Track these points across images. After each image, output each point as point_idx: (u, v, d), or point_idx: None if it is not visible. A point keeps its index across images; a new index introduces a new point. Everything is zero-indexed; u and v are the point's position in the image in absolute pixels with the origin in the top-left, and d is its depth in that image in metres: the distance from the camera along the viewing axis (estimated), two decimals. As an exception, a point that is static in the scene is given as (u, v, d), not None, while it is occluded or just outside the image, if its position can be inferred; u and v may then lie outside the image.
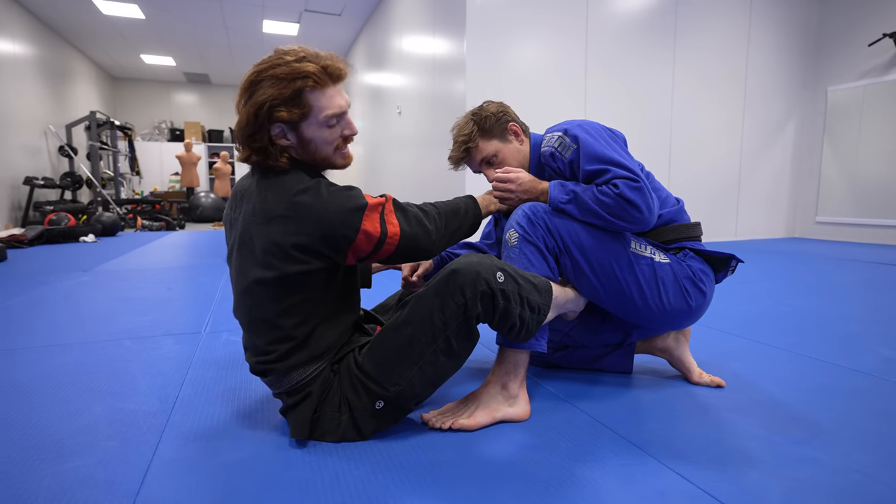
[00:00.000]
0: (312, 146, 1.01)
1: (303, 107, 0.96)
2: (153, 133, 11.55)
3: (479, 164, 1.37)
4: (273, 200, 0.96)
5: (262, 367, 1.04)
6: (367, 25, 7.55)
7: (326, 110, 0.99)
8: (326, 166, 1.07)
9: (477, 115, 1.35)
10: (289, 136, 0.99)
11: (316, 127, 0.99)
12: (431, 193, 5.02)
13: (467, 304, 0.99)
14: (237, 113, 0.99)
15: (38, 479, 0.91)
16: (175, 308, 2.31)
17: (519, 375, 1.17)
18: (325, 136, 1.01)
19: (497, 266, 1.03)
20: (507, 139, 1.35)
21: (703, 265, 1.27)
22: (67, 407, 1.23)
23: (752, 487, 0.88)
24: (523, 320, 1.06)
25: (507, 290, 1.02)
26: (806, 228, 5.64)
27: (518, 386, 1.17)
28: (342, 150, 1.06)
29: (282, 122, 0.96)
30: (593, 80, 4.51)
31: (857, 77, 5.15)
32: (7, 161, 6.32)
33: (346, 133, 1.04)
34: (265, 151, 0.98)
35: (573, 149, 1.23)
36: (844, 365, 1.52)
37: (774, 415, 1.18)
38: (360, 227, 0.97)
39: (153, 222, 7.52)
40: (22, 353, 1.66)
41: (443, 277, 1.01)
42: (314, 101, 0.97)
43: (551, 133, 1.30)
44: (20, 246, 4.71)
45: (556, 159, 1.27)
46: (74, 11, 7.16)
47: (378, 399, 1.03)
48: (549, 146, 1.29)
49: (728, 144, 5.25)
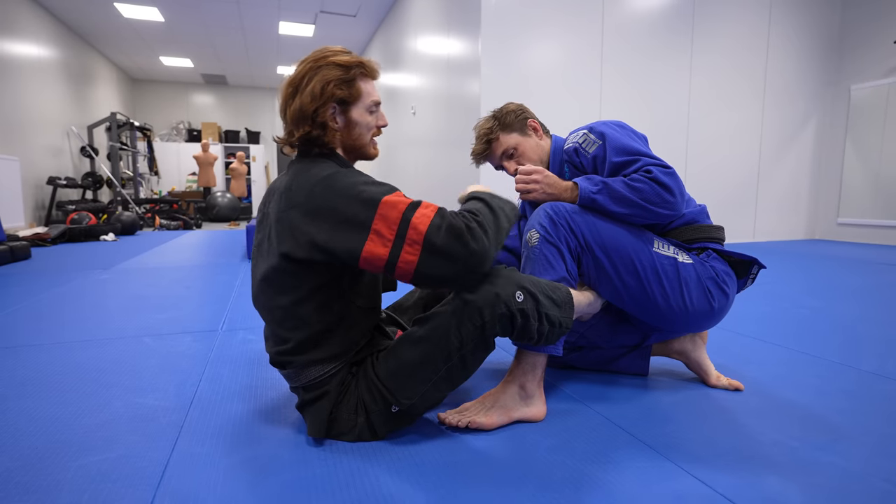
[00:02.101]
0: (357, 130, 1.10)
1: (355, 91, 1.07)
2: (171, 133, 11.72)
3: (499, 158, 1.41)
4: (297, 188, 1.00)
5: (280, 359, 1.05)
6: (382, 26, 7.58)
7: (372, 96, 1.11)
8: (362, 153, 1.14)
9: (498, 112, 1.42)
10: (338, 118, 1.08)
11: (362, 110, 1.09)
12: (445, 194, 5.02)
13: (485, 326, 1.00)
14: (286, 100, 1.06)
15: (62, 472, 0.93)
16: (192, 306, 2.34)
17: (537, 376, 1.17)
18: (368, 121, 1.11)
19: (518, 284, 1.01)
20: (527, 133, 1.40)
21: (725, 266, 1.26)
22: (89, 402, 1.25)
23: (771, 492, 0.87)
24: (542, 334, 1.05)
25: (526, 309, 1.01)
26: (827, 230, 5.54)
27: (535, 386, 1.17)
28: (374, 140, 1.15)
29: (337, 103, 1.06)
30: (609, 81, 4.48)
31: (881, 75, 5.04)
32: (31, 161, 6.47)
33: (380, 123, 1.14)
34: (325, 127, 1.04)
35: (598, 144, 1.25)
36: (865, 369, 1.49)
37: (794, 419, 1.16)
38: (371, 225, 0.94)
39: (171, 221, 7.64)
40: (47, 348, 1.70)
41: (461, 299, 1.00)
42: (364, 87, 1.09)
43: (576, 132, 1.32)
44: (44, 244, 4.81)
45: (579, 154, 1.29)
46: (96, 15, 7.30)
47: (393, 405, 1.04)
48: (573, 142, 1.31)
49: (746, 145, 5.17)
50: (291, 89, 1.05)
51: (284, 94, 1.07)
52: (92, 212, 6.38)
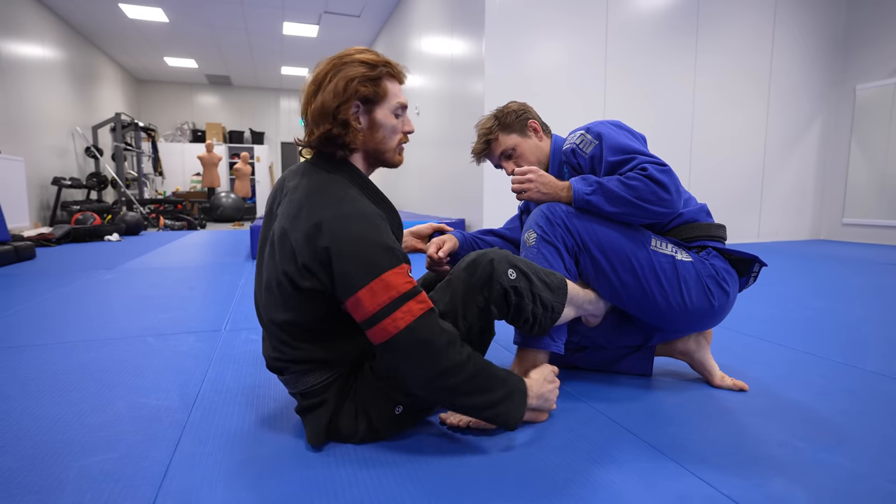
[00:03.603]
0: (381, 133, 1.06)
1: (381, 90, 1.03)
2: (175, 134, 11.76)
3: (498, 157, 1.42)
4: (308, 209, 0.95)
5: (277, 364, 1.04)
6: (386, 26, 7.59)
7: (398, 97, 1.06)
8: (386, 159, 1.10)
9: (499, 112, 1.42)
10: (361, 118, 1.04)
11: (387, 112, 1.05)
12: (449, 193, 5.02)
13: (487, 305, 1.04)
14: (308, 99, 1.02)
15: (65, 472, 0.93)
16: (196, 306, 2.35)
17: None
18: (392, 123, 1.06)
19: (510, 263, 1.05)
20: (526, 134, 1.40)
21: (726, 264, 1.25)
22: (92, 402, 1.26)
23: (776, 493, 0.86)
24: (535, 316, 1.08)
25: (520, 287, 1.04)
26: (832, 230, 5.51)
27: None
28: (401, 146, 1.11)
29: (361, 101, 1.02)
30: (613, 81, 4.47)
31: (887, 75, 5.01)
32: (36, 162, 6.51)
33: (406, 129, 1.10)
34: (347, 125, 1.00)
35: (595, 144, 1.25)
36: (870, 369, 1.48)
37: (799, 420, 1.16)
38: (359, 289, 0.90)
39: (175, 222, 7.66)
40: (51, 348, 1.70)
41: (458, 286, 1.04)
42: (390, 87, 1.05)
43: (574, 133, 1.33)
44: (48, 244, 4.83)
45: (576, 155, 1.29)
46: (101, 15, 7.33)
47: (397, 404, 1.03)
48: (571, 143, 1.31)
49: (751, 145, 5.15)
50: (314, 87, 1.02)
51: (307, 93, 1.03)
52: (96, 212, 6.40)
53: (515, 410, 0.99)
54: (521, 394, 1.02)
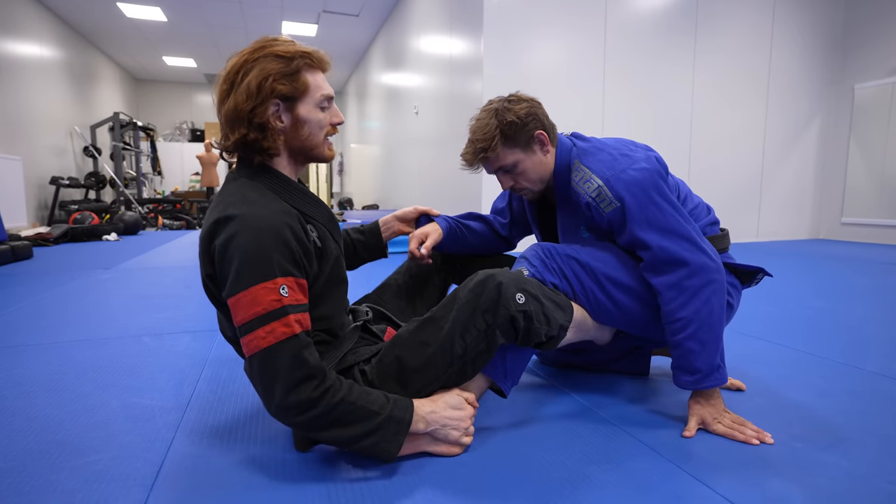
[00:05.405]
0: (306, 129, 0.98)
1: (301, 84, 0.95)
2: (174, 133, 11.75)
3: (495, 169, 1.25)
4: (210, 209, 0.94)
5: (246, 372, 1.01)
6: (385, 26, 7.58)
7: (322, 90, 0.99)
8: (315, 155, 1.03)
9: (501, 118, 1.19)
10: (283, 117, 0.96)
11: (311, 106, 0.98)
12: (448, 193, 5.01)
13: (488, 331, 0.98)
14: (220, 99, 0.95)
15: (56, 473, 0.92)
16: (193, 305, 2.34)
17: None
18: (318, 118, 0.99)
19: (518, 287, 0.99)
20: (531, 149, 1.21)
21: (732, 278, 1.21)
22: (85, 402, 1.25)
23: (774, 494, 0.85)
24: (550, 337, 1.04)
25: (529, 311, 0.98)
26: (831, 229, 5.51)
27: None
28: (329, 139, 1.04)
29: (280, 99, 0.94)
30: (612, 80, 4.46)
31: (885, 74, 5.00)
32: (35, 161, 6.49)
33: (334, 120, 1.02)
34: (264, 129, 0.93)
35: (616, 207, 1.12)
36: (870, 369, 1.48)
37: (796, 420, 1.15)
38: (237, 292, 0.86)
39: (174, 221, 7.65)
40: (47, 348, 1.69)
41: (462, 306, 0.98)
42: (311, 80, 0.97)
43: (588, 179, 1.15)
44: (46, 244, 4.82)
45: (591, 209, 1.17)
46: (99, 14, 7.32)
47: None
48: (586, 194, 1.15)
49: (750, 144, 5.15)
50: (226, 86, 0.93)
51: (219, 92, 0.95)
52: (95, 212, 6.39)
53: (387, 442, 0.89)
54: (396, 423, 0.90)
